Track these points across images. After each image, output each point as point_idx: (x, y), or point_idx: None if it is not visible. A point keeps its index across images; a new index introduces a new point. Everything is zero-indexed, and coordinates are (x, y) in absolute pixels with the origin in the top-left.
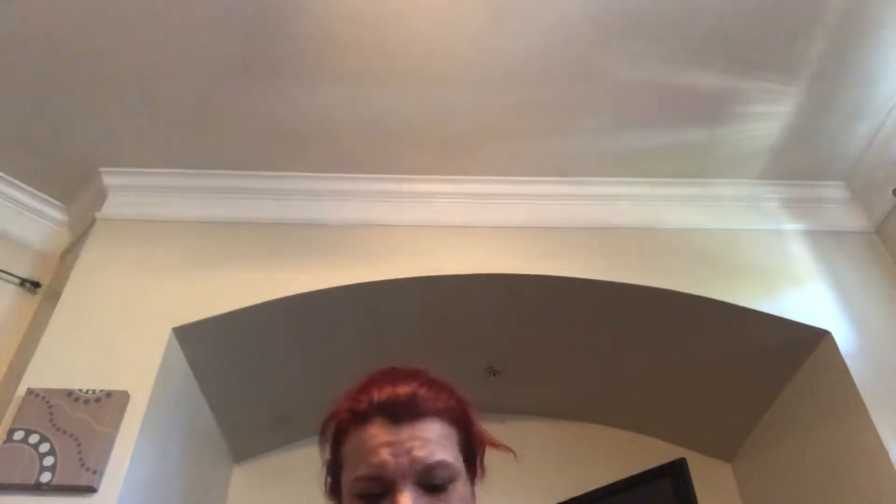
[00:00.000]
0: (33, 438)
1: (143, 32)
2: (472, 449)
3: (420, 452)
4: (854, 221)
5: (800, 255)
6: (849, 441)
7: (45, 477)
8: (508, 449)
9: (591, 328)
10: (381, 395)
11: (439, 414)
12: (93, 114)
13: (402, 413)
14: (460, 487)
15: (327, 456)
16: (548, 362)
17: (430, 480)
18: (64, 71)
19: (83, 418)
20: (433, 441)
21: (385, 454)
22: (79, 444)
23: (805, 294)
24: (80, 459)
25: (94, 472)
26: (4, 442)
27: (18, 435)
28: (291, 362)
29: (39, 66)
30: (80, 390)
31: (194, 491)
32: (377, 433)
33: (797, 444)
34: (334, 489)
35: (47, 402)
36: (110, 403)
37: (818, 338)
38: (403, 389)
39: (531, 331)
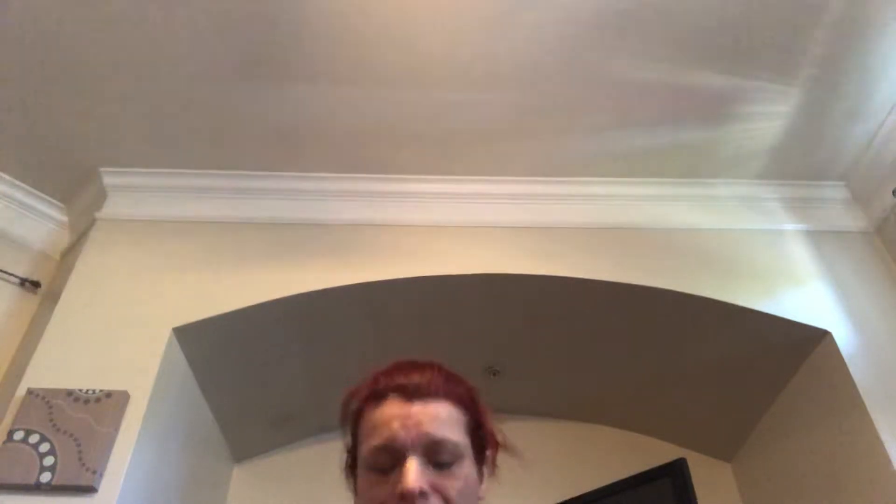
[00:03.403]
0: (33, 438)
1: (144, 33)
2: (481, 439)
3: (428, 427)
4: (854, 221)
5: (800, 255)
6: (849, 441)
7: (45, 477)
8: (517, 453)
9: (591, 328)
10: (397, 377)
11: (450, 397)
12: (93, 114)
13: (415, 392)
14: (466, 468)
15: (347, 436)
16: (548, 362)
17: (436, 457)
18: (64, 71)
19: (83, 418)
20: (442, 419)
21: (396, 425)
22: (79, 444)
23: (805, 294)
24: (80, 459)
25: (94, 472)
26: (4, 442)
27: (18, 435)
28: (292, 362)
29: (39, 66)
30: (80, 390)
31: (194, 491)
32: (391, 409)
33: (797, 444)
34: (352, 467)
35: (47, 402)
36: (110, 403)
37: (818, 338)
38: (419, 374)
39: (531, 331)
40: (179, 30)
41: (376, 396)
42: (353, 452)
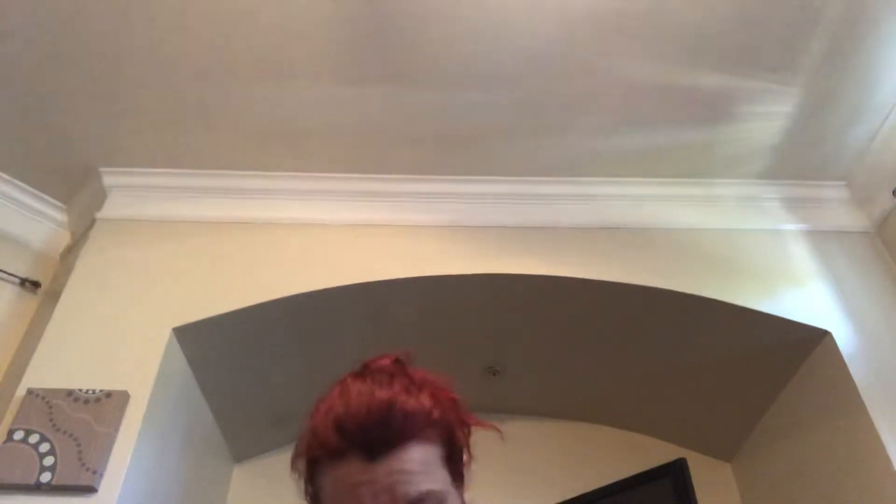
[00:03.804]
0: (33, 438)
1: (144, 32)
2: (457, 451)
3: (402, 488)
4: (854, 221)
5: (800, 255)
6: (849, 441)
7: (45, 477)
8: (493, 427)
9: (591, 328)
10: (353, 423)
11: (418, 435)
12: (93, 114)
13: (377, 446)
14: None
15: (304, 486)
16: (548, 362)
17: None
18: (64, 71)
19: (83, 418)
20: (415, 471)
21: (365, 495)
22: (79, 444)
23: (805, 294)
24: (80, 459)
25: (94, 472)
26: (4, 442)
27: (18, 435)
28: (291, 362)
29: (39, 65)
30: (80, 390)
31: (194, 491)
32: (353, 472)
33: (797, 444)
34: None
35: (47, 402)
36: (110, 403)
37: (818, 338)
38: (378, 407)
39: (531, 331)
40: (179, 30)
41: (332, 455)
42: (311, 489)
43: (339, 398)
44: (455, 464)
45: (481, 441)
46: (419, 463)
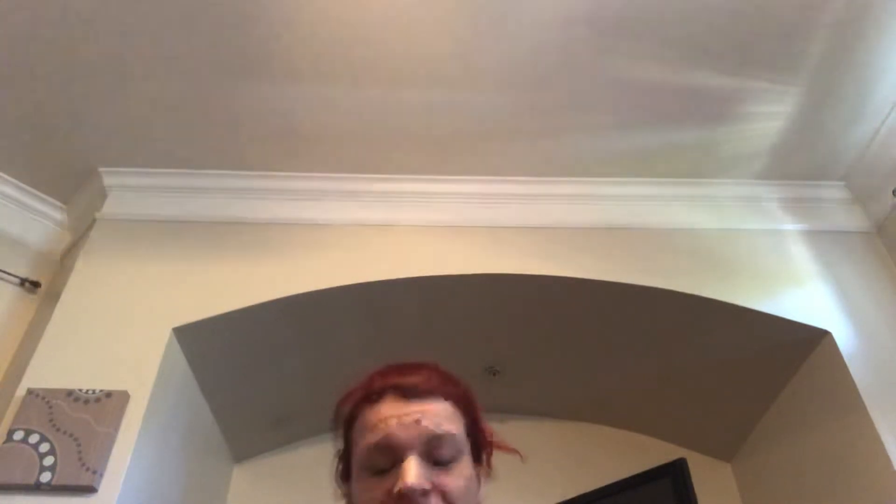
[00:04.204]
0: (33, 438)
1: (144, 32)
2: (477, 439)
3: (427, 423)
4: (854, 221)
5: (800, 255)
6: (849, 441)
7: (45, 477)
8: (514, 450)
9: (591, 328)
10: (393, 370)
11: (448, 397)
12: (93, 114)
13: (412, 392)
14: (466, 467)
15: (339, 441)
16: (548, 362)
17: (437, 454)
18: (63, 71)
19: (83, 418)
20: (441, 415)
21: (393, 423)
22: (79, 444)
23: (805, 294)
24: (80, 459)
25: (94, 472)
26: (4, 442)
27: (18, 435)
28: (291, 362)
29: (39, 65)
30: (80, 390)
31: (194, 491)
32: (387, 408)
33: (797, 444)
34: (344, 474)
35: (47, 402)
36: (110, 403)
37: (818, 338)
38: (415, 374)
39: (531, 331)
40: (179, 29)
41: (371, 397)
42: (345, 459)
43: (379, 368)
44: (474, 445)
45: None
46: (444, 412)
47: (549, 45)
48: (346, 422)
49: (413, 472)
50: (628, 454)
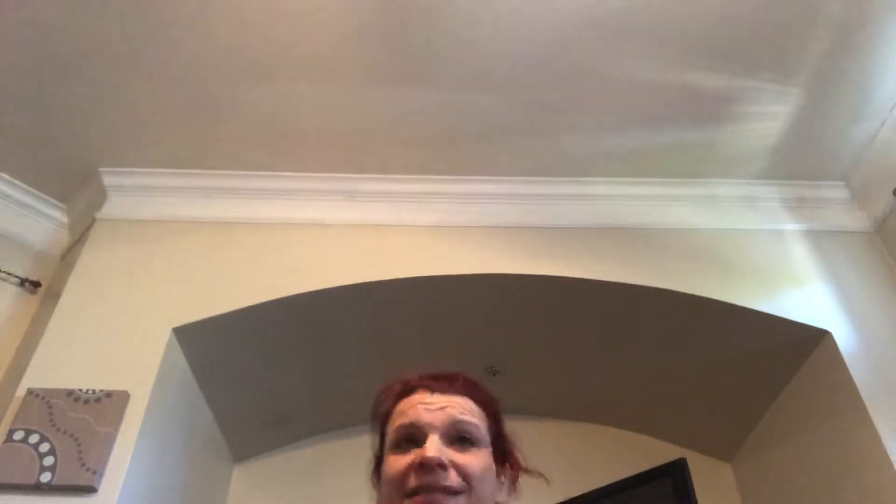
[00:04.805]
0: (33, 438)
1: (144, 33)
2: (502, 449)
3: (451, 410)
4: (854, 221)
5: (800, 255)
6: (849, 441)
7: (45, 477)
8: (542, 475)
9: (591, 328)
10: (427, 372)
11: (475, 398)
12: (93, 114)
13: (442, 387)
14: (485, 455)
15: (376, 439)
16: (548, 362)
17: (458, 433)
18: (64, 71)
19: (83, 418)
20: (465, 407)
21: (420, 409)
22: (79, 444)
23: (805, 294)
24: (80, 459)
25: (94, 472)
26: (4, 442)
27: (18, 435)
28: (291, 362)
29: (39, 66)
30: (80, 390)
31: (194, 491)
32: (417, 398)
33: (797, 444)
34: (377, 469)
35: (47, 402)
36: (110, 403)
37: (818, 338)
38: (446, 376)
39: (531, 331)
40: (180, 30)
41: (405, 392)
42: (379, 455)
43: (409, 372)
44: (497, 450)
45: None
46: (468, 407)
47: (549, 45)
48: (382, 418)
49: (434, 446)
50: (628, 454)
